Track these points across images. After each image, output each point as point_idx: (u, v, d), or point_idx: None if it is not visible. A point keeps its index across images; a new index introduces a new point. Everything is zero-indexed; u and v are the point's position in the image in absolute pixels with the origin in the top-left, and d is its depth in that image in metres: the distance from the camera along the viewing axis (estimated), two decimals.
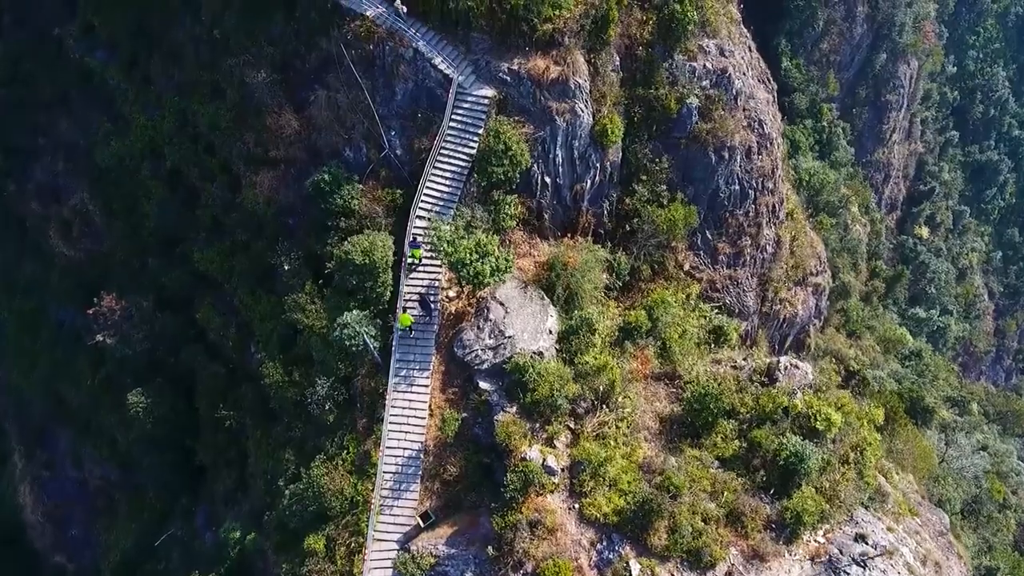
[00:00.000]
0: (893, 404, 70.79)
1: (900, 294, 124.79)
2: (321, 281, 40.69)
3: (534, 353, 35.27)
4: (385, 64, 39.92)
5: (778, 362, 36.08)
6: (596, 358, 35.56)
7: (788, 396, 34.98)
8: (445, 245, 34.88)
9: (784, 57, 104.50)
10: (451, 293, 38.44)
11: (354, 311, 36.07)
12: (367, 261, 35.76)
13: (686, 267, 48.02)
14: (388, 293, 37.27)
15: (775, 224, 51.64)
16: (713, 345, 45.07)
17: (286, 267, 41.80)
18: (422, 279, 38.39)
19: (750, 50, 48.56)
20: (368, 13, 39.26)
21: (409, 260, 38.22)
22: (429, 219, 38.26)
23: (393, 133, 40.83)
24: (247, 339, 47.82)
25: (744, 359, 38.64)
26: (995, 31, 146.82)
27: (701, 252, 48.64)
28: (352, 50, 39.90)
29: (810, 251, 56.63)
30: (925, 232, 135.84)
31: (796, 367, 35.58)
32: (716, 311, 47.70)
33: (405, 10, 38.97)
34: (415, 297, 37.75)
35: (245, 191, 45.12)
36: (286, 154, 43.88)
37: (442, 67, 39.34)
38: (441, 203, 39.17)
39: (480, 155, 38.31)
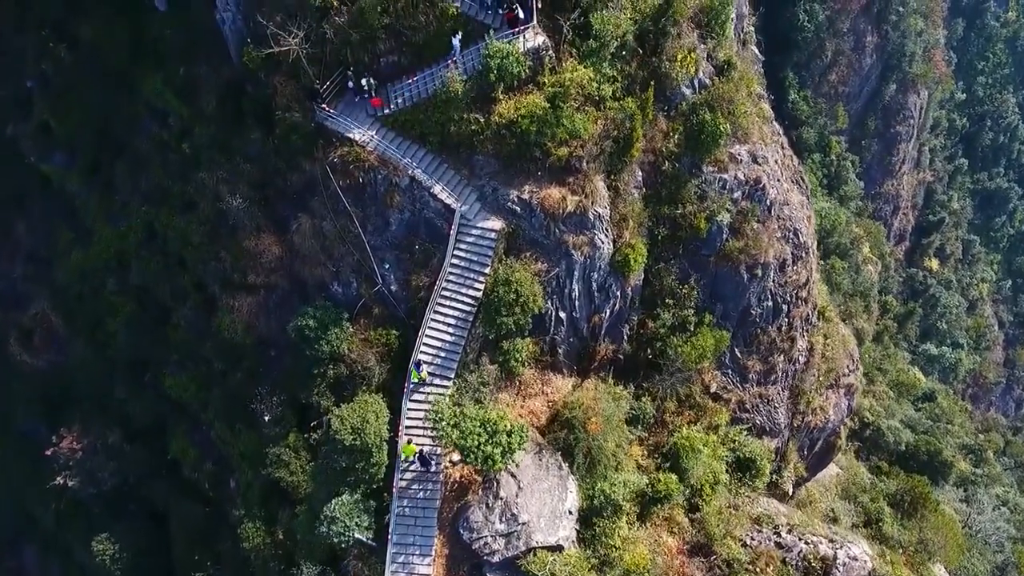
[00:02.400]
0: (920, 489, 66.79)
1: (911, 331, 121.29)
2: (307, 434, 36.09)
3: (553, 547, 30.47)
4: (377, 192, 34.96)
5: (834, 557, 31.29)
6: (622, 544, 30.85)
7: None
8: (449, 429, 29.99)
9: (792, 89, 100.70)
10: (455, 457, 33.52)
11: (344, 496, 31.15)
12: (358, 442, 30.83)
13: (713, 388, 43.26)
14: (383, 472, 32.37)
15: (808, 332, 46.94)
16: (745, 478, 40.78)
17: (267, 417, 36.90)
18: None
19: (782, 148, 43.75)
20: (356, 137, 34.22)
21: (413, 382, 33.82)
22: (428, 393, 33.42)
23: (387, 267, 35.90)
24: (225, 473, 43.11)
25: (789, 531, 33.85)
26: (1004, 56, 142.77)
27: (729, 371, 43.86)
28: (339, 176, 34.89)
29: (842, 350, 51.94)
30: (935, 264, 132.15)
31: (854, 559, 30.82)
32: (746, 433, 43.25)
33: (373, 86, 34.15)
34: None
35: (221, 316, 40.19)
36: (266, 280, 39.04)
37: (442, 196, 34.41)
38: (443, 354, 34.24)
39: (487, 304, 33.43)
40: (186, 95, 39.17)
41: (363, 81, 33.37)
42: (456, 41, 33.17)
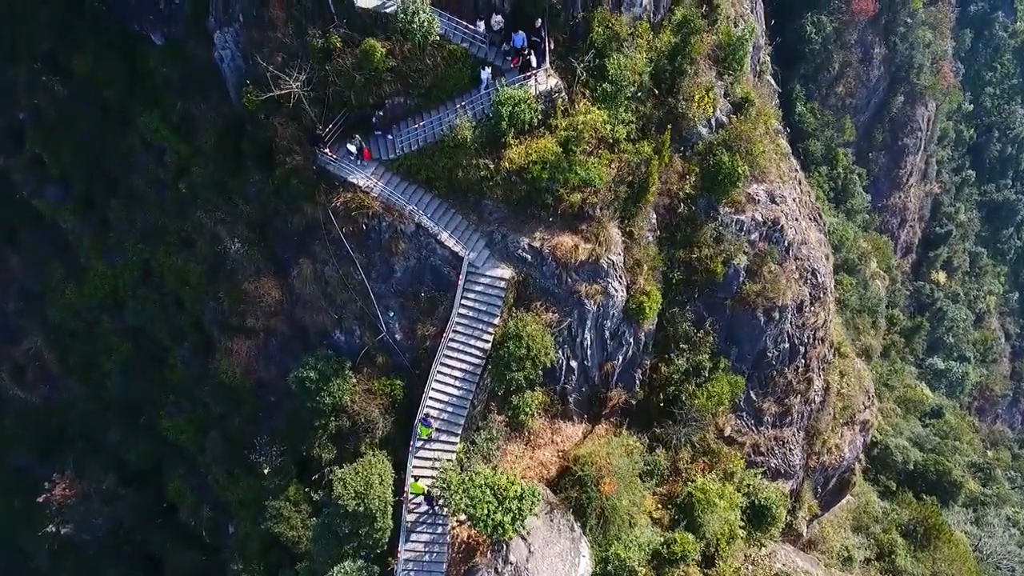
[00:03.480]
0: (934, 519, 65.70)
1: (918, 345, 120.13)
2: (308, 488, 34.70)
3: None
4: (381, 239, 33.51)
5: None
6: None
7: None
8: (458, 498, 28.56)
9: (799, 102, 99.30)
10: (463, 516, 32.11)
11: (347, 563, 29.73)
12: (361, 508, 29.41)
13: (727, 432, 41.83)
14: (387, 537, 30.96)
15: (823, 371, 45.52)
16: (761, 526, 39.49)
17: (266, 470, 35.48)
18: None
19: (799, 184, 42.34)
20: (360, 182, 32.77)
21: (421, 439, 32.55)
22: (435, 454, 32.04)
23: (392, 314, 34.47)
24: (223, 520, 41.69)
25: None
26: (1012, 67, 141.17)
27: (744, 414, 42.44)
28: (342, 221, 33.44)
29: (858, 386, 50.50)
30: (942, 277, 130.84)
31: None
32: (760, 476, 41.91)
33: (365, 150, 32.71)
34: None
35: (219, 359, 38.80)
36: (266, 324, 37.63)
37: (449, 243, 32.96)
38: (450, 409, 32.82)
39: (497, 358, 32.00)
40: (183, 132, 37.73)
41: (350, 146, 31.97)
42: (485, 75, 31.54)
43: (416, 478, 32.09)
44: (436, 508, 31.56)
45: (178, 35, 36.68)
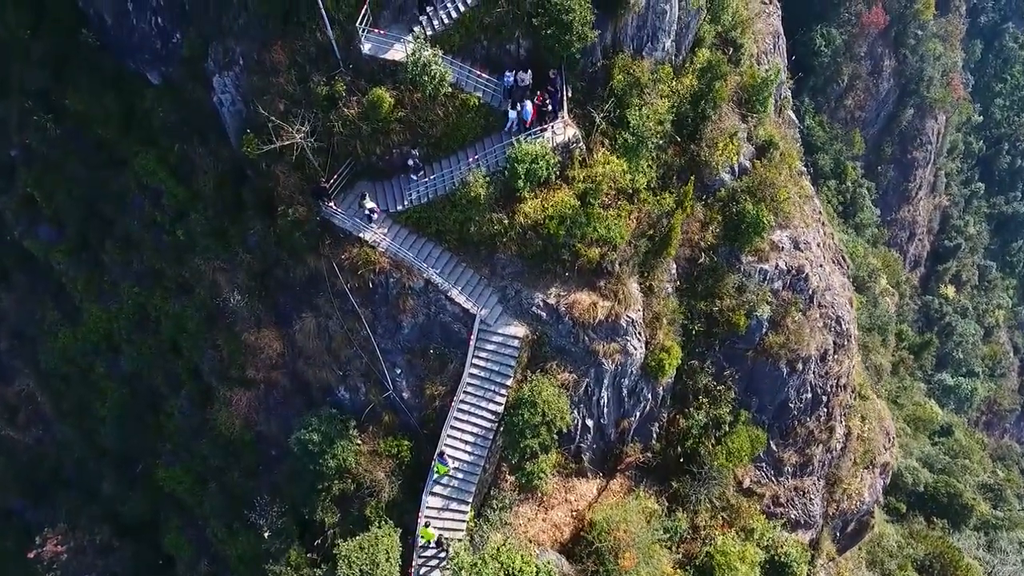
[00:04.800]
0: (951, 555, 64.36)
1: (927, 361, 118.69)
2: (310, 553, 33.06)
3: None
4: (388, 295, 31.83)
5: None
6: None
7: None
8: None
9: (807, 115, 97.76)
10: None
11: None
12: None
13: (746, 484, 40.20)
14: None
15: (845, 417, 43.86)
16: None
17: (267, 533, 33.84)
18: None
19: (823, 226, 40.66)
20: (366, 237, 31.08)
21: (434, 477, 31.03)
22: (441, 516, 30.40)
23: (399, 371, 32.80)
24: (223, 575, 39.91)
25: None
26: (1022, 78, 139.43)
27: (763, 464, 40.79)
28: (347, 275, 31.77)
29: (878, 428, 48.84)
30: (951, 292, 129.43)
31: None
32: (779, 528, 40.30)
33: (375, 210, 30.97)
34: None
35: (218, 409, 37.17)
36: (267, 376, 35.91)
37: (460, 300, 31.28)
38: (460, 475, 31.15)
39: (510, 426, 30.31)
40: (181, 174, 36.08)
41: (365, 203, 30.28)
42: (513, 113, 29.70)
43: (427, 523, 30.53)
44: (448, 551, 29.93)
45: (176, 75, 35.04)
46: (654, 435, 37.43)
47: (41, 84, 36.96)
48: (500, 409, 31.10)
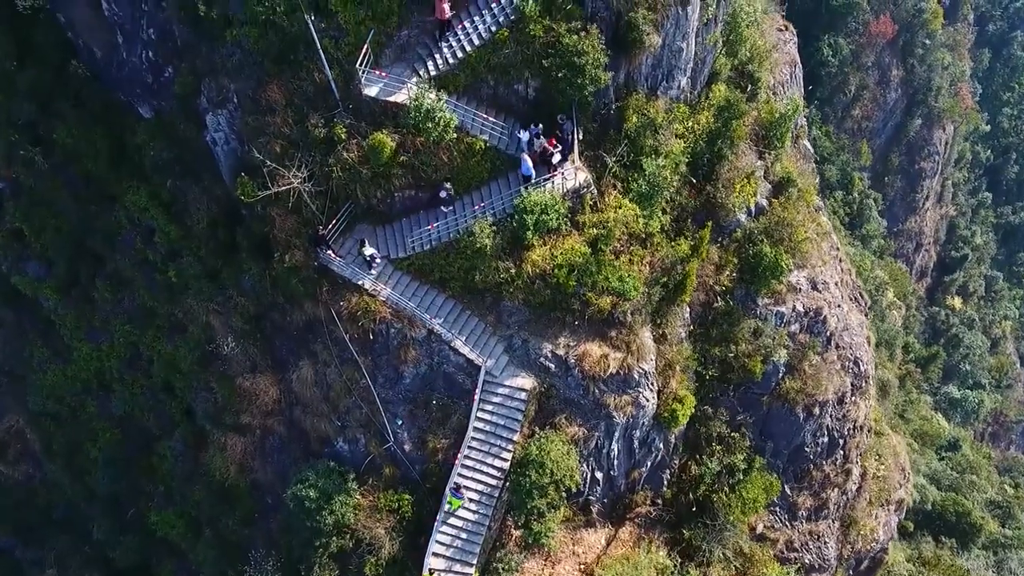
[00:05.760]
0: None
1: (934, 374, 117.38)
2: None
3: None
4: (389, 344, 30.36)
5: None
6: None
7: None
8: None
9: (814, 126, 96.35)
10: None
11: None
12: None
13: (759, 529, 38.77)
14: None
15: (862, 456, 42.41)
16: None
17: None
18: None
19: (839, 262, 39.21)
20: (366, 285, 29.59)
21: (447, 508, 29.65)
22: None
23: (400, 423, 31.31)
24: None
25: None
26: None
27: (777, 508, 39.34)
28: (347, 323, 30.30)
29: (894, 464, 47.41)
30: (958, 303, 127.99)
31: None
32: (794, 574, 38.86)
33: (375, 256, 29.49)
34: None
35: (212, 454, 35.85)
36: (263, 423, 34.55)
37: (464, 351, 29.79)
38: (464, 535, 29.63)
39: (517, 486, 28.81)
40: (174, 211, 34.60)
41: (366, 251, 28.78)
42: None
43: (432, 571, 29.08)
44: None
45: (168, 109, 33.53)
46: (665, 482, 35.97)
47: (28, 117, 35.45)
48: (506, 466, 29.62)
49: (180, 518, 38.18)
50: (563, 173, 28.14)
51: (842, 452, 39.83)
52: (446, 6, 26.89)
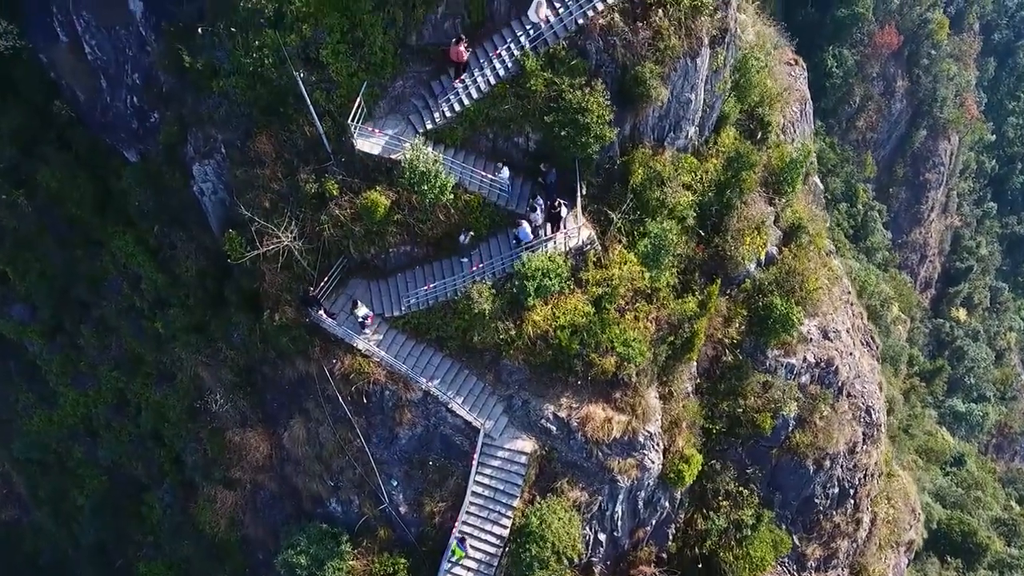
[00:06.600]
0: None
1: (938, 387, 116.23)
2: None
3: None
4: (384, 405, 29.10)
5: None
6: None
7: None
8: None
9: (818, 138, 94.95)
10: None
11: None
12: None
13: None
14: None
15: (872, 502, 41.16)
16: None
17: None
18: None
19: (851, 306, 37.93)
20: (360, 346, 28.32)
21: (450, 557, 28.57)
22: None
23: (395, 484, 30.06)
24: None
25: None
26: None
27: (786, 560, 38.07)
28: (339, 383, 29.03)
29: (904, 505, 46.13)
30: (963, 315, 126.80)
31: None
32: None
33: (369, 316, 28.17)
34: None
35: (201, 506, 34.67)
36: (253, 478, 33.30)
37: (462, 413, 28.55)
38: None
39: (517, 559, 27.55)
40: (161, 258, 33.33)
41: (357, 311, 27.45)
42: (524, 232, 26.68)
43: None
44: None
45: (154, 152, 32.19)
46: (670, 536, 34.74)
47: (10, 160, 34.14)
48: (506, 533, 28.39)
49: (169, 570, 37.05)
50: (566, 233, 26.85)
51: (852, 501, 38.59)
52: (462, 48, 25.55)
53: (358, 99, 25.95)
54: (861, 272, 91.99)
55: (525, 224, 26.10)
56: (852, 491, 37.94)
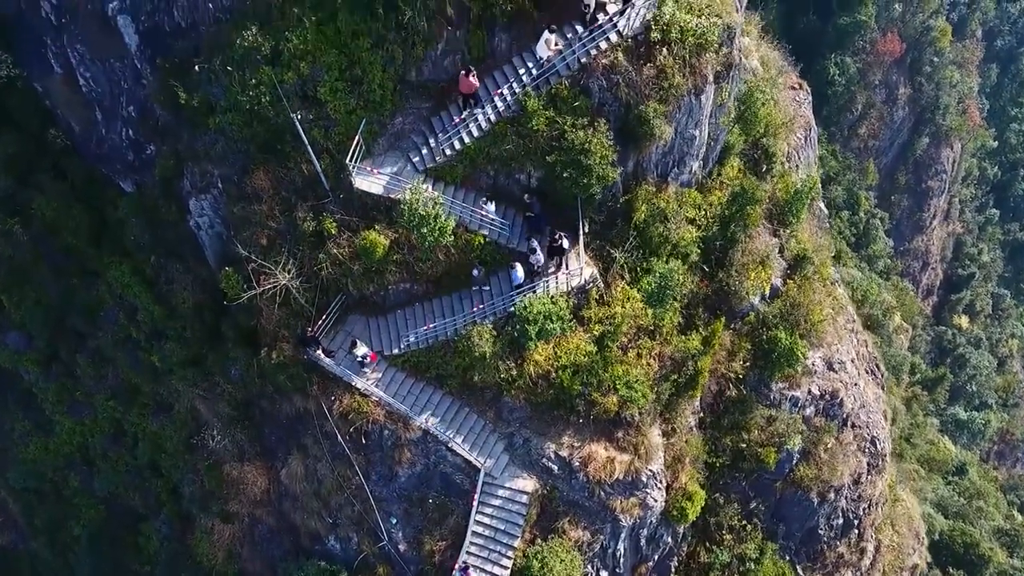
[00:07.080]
0: None
1: (940, 396, 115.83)
2: None
3: None
4: (383, 444, 28.70)
5: None
6: None
7: None
8: None
9: (820, 145, 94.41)
10: None
11: None
12: None
13: None
14: None
15: (876, 530, 40.77)
16: None
17: None
18: None
19: (855, 334, 37.50)
20: (359, 386, 27.91)
21: None
22: None
23: (395, 521, 29.66)
24: None
25: None
26: None
27: None
28: (338, 421, 28.63)
29: (908, 530, 45.80)
30: (965, 322, 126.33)
31: None
32: None
33: (368, 356, 27.74)
34: None
35: (198, 538, 34.30)
36: (251, 512, 32.92)
37: (462, 452, 28.14)
38: None
39: None
40: (157, 290, 32.93)
41: (357, 351, 27.02)
42: (516, 275, 26.36)
43: None
44: None
45: (150, 184, 31.76)
46: (672, 570, 34.36)
47: (5, 189, 33.74)
48: (507, 574, 27.99)
49: None
50: (568, 272, 26.43)
51: (857, 531, 38.24)
52: (472, 79, 25.07)
53: (357, 136, 25.53)
54: (863, 281, 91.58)
55: (518, 266, 25.71)
56: (857, 521, 37.58)
